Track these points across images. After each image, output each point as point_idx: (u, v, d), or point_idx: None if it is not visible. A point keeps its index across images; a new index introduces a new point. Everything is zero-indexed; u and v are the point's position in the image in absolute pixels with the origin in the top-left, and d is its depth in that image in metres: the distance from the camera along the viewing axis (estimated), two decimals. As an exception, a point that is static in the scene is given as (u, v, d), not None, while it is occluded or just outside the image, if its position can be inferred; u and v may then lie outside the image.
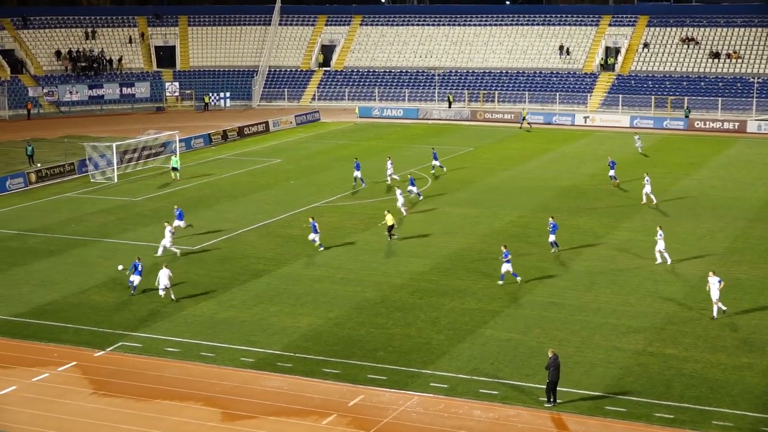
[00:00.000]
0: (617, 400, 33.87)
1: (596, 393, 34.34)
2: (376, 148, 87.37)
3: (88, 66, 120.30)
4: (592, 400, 33.89)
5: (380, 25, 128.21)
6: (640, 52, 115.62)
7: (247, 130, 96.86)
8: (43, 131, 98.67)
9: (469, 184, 70.35)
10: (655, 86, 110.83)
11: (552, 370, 33.46)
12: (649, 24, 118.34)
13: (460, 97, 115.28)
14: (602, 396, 34.14)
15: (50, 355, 38.27)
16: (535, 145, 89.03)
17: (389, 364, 37.09)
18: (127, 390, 35.05)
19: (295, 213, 61.67)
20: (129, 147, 79.58)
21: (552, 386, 33.54)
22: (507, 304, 43.73)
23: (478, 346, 38.87)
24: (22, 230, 57.17)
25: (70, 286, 46.93)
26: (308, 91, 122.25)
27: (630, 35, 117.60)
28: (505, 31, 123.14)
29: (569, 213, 61.08)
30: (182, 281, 47.38)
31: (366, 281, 47.33)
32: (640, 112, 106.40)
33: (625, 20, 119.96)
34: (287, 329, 40.85)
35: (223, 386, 35.33)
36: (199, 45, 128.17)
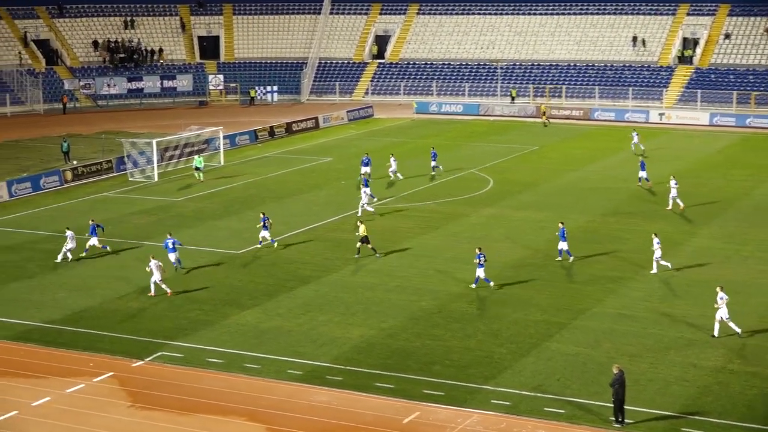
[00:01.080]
0: (694, 420, 33.52)
1: (671, 413, 34.01)
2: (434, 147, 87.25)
3: (126, 57, 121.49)
4: (667, 420, 33.57)
5: (438, 14, 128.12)
6: (721, 43, 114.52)
7: (296, 127, 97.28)
8: (80, 126, 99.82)
9: (534, 186, 70.13)
10: (737, 80, 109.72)
11: (617, 387, 33.24)
12: (730, 13, 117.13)
13: (525, 92, 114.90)
14: (677, 416, 33.80)
15: (86, 365, 38.64)
16: (605, 144, 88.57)
17: (447, 378, 37.02)
18: (166, 403, 35.29)
19: (345, 215, 61.82)
20: (170, 144, 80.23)
21: (619, 404, 33.33)
22: (574, 316, 43.50)
23: (543, 360, 38.70)
24: (56, 231, 57.81)
25: (107, 291, 47.40)
26: (361, 84, 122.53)
27: (710, 25, 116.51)
28: (573, 21, 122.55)
29: (642, 218, 60.67)
30: (225, 288, 47.71)
31: (422, 289, 47.32)
32: (721, 108, 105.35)
33: (705, 9, 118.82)
34: (337, 340, 40.93)
35: (269, 400, 35.46)
36: (245, 35, 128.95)
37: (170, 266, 49.85)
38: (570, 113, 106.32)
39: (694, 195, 66.71)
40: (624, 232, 57.33)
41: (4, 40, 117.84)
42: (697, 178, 72.82)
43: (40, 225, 60.21)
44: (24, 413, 34.46)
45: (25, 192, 68.82)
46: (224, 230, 58.35)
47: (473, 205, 64.26)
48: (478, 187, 69.50)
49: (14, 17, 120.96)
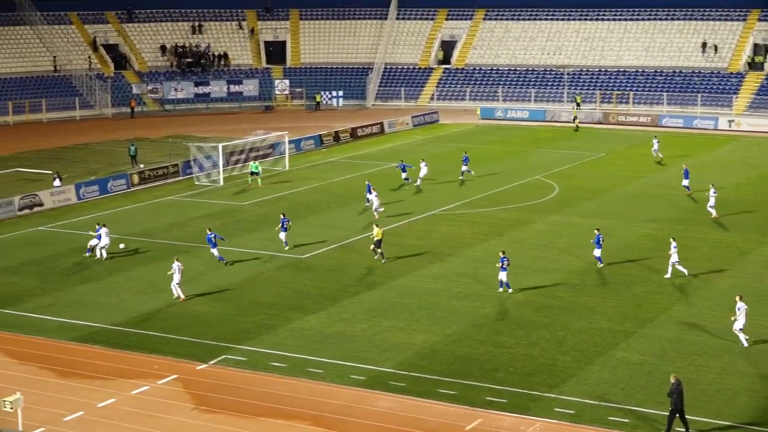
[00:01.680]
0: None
1: (739, 424, 33.58)
2: (499, 153, 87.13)
3: (194, 62, 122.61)
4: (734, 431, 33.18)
5: (505, 19, 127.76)
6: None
7: (361, 132, 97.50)
8: (147, 130, 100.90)
9: (601, 193, 69.65)
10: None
11: (675, 397, 32.90)
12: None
13: (591, 98, 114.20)
14: (745, 428, 33.39)
15: (151, 367, 39.02)
16: (673, 151, 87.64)
17: (510, 386, 36.88)
18: (229, 406, 35.51)
19: (410, 221, 61.84)
20: (236, 148, 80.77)
21: (673, 414, 32.93)
22: (640, 325, 43.11)
23: (607, 369, 38.41)
24: (123, 234, 58.40)
25: (173, 294, 47.76)
26: (426, 90, 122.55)
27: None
28: (641, 27, 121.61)
29: (711, 226, 60.02)
30: (289, 292, 47.94)
31: (486, 296, 47.18)
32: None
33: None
34: (401, 346, 40.93)
35: (331, 405, 35.55)
36: (311, 40, 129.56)
37: (215, 260, 51.73)
38: (637, 119, 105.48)
39: (765, 204, 65.96)
40: (691, 240, 56.70)
41: (74, 45, 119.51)
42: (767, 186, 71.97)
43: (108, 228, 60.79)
44: (90, 414, 34.87)
45: (93, 195, 69.66)
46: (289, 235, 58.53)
47: (538, 211, 63.96)
48: (543, 194, 69.19)
49: (84, 22, 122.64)
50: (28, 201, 65.67)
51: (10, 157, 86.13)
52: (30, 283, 50.09)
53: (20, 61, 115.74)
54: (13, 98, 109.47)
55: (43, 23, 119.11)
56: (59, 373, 38.63)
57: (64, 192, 68.25)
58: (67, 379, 38.05)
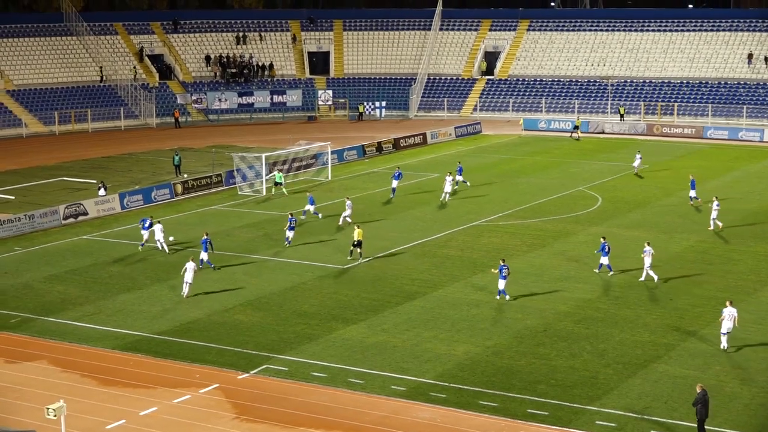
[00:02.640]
0: (807, 448, 32.82)
1: (783, 439, 33.34)
2: (541, 164, 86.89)
3: (237, 72, 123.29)
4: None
5: (549, 30, 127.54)
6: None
7: (403, 142, 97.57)
8: (190, 140, 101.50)
9: (644, 205, 69.26)
10: None
11: (700, 407, 32.67)
12: None
13: (636, 109, 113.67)
14: (790, 443, 33.14)
15: (192, 376, 39.22)
16: (717, 163, 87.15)
17: (551, 398, 36.74)
18: (270, 416, 35.61)
19: (453, 232, 61.78)
20: (279, 158, 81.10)
21: (701, 426, 32.76)
22: (683, 338, 42.82)
23: (650, 382, 38.16)
24: (167, 244, 58.69)
25: (214, 303, 48.03)
26: (469, 101, 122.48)
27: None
28: (686, 37, 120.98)
29: (755, 239, 59.55)
30: (331, 302, 48.03)
31: (528, 307, 47.04)
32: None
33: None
34: (442, 357, 40.89)
35: (372, 416, 35.57)
36: (355, 51, 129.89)
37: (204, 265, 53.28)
38: (682, 131, 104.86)
39: (809, 216, 65.45)
40: (735, 253, 56.32)
41: (120, 55, 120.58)
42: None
43: (151, 237, 61.17)
44: (132, 422, 35.09)
45: (137, 204, 70.14)
46: (331, 245, 58.68)
47: (581, 223, 63.71)
48: (586, 205, 68.92)
49: (130, 32, 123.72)
50: (73, 210, 66.23)
51: (56, 166, 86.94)
52: (74, 291, 50.51)
53: (66, 71, 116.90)
54: (59, 108, 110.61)
55: (90, 34, 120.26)
56: (102, 381, 38.90)
57: (108, 201, 68.75)
58: (109, 387, 38.30)
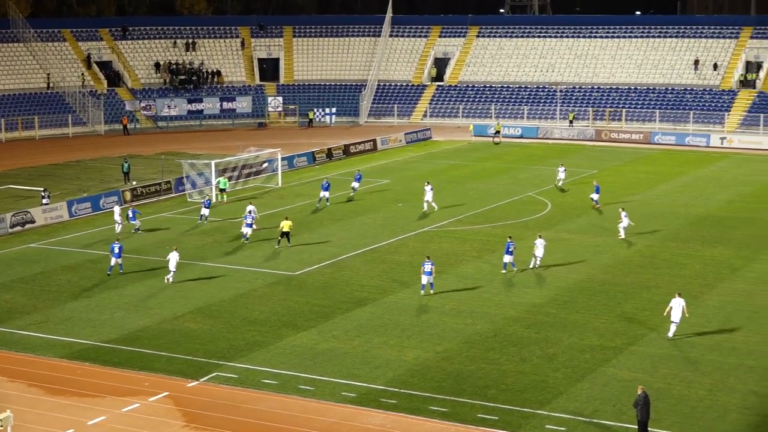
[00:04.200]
0: (753, 449, 33.19)
1: (729, 441, 33.69)
2: (491, 170, 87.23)
3: (187, 79, 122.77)
4: (725, 449, 33.26)
5: (498, 36, 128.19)
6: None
7: (354, 149, 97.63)
8: (139, 147, 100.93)
9: (591, 211, 69.69)
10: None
11: (639, 408, 32.96)
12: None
13: (584, 115, 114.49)
14: (736, 445, 33.48)
15: (141, 385, 38.96)
16: (665, 168, 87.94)
17: (501, 403, 36.87)
18: (220, 423, 35.45)
19: (403, 238, 61.88)
20: (228, 165, 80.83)
21: (641, 427, 33.02)
22: (631, 341, 43.16)
23: (599, 386, 38.42)
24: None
25: (164, 311, 47.77)
26: (419, 107, 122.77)
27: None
28: (634, 44, 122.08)
29: (702, 243, 60.15)
30: (281, 309, 47.93)
31: (477, 313, 47.20)
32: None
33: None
34: (392, 363, 40.93)
35: (322, 422, 35.52)
36: (305, 57, 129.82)
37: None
38: (630, 136, 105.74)
39: (757, 220, 66.20)
40: (682, 257, 56.87)
41: (67, 62, 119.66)
42: (760, 203, 72.22)
43: (99, 245, 60.84)
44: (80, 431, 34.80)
45: (85, 212, 69.60)
46: (282, 252, 58.57)
47: (530, 228, 63.98)
48: (535, 211, 69.29)
49: (78, 39, 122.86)
50: (20, 218, 65.60)
51: (3, 174, 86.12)
52: (21, 300, 50.02)
53: (13, 78, 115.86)
54: (6, 115, 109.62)
55: (37, 40, 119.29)
56: (50, 390, 38.54)
57: (56, 209, 68.16)
58: (57, 396, 37.96)
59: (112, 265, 54.08)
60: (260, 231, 62.18)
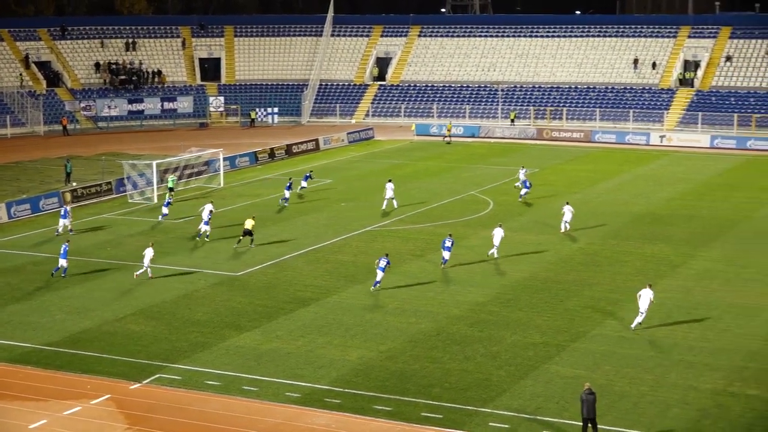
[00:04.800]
0: (694, 444, 33.55)
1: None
2: (434, 169, 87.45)
3: (127, 79, 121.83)
4: (666, 444, 33.59)
5: (440, 36, 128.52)
6: (722, 66, 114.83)
7: (296, 149, 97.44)
8: (80, 148, 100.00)
9: (534, 208, 70.14)
10: (738, 103, 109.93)
11: (582, 404, 33.19)
12: (732, 36, 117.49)
13: (525, 114, 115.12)
14: (677, 440, 33.83)
15: (83, 387, 38.60)
16: (606, 167, 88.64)
17: (445, 401, 36.97)
18: (164, 426, 35.23)
19: (346, 237, 61.86)
20: (170, 166, 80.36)
21: (584, 423, 33.25)
22: (573, 339, 43.46)
23: (541, 383, 38.65)
24: (55, 253, 57.85)
25: (106, 313, 47.37)
26: (362, 106, 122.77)
27: (711, 48, 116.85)
28: (574, 43, 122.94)
29: (643, 240, 60.71)
30: (224, 310, 47.73)
31: (421, 312, 47.29)
32: (722, 131, 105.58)
33: (706, 32, 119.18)
34: (336, 362, 40.90)
35: (266, 423, 35.42)
36: (246, 57, 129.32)
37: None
38: (571, 135, 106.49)
39: (695, 218, 66.90)
40: (623, 254, 57.37)
41: (5, 62, 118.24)
42: (699, 200, 73.03)
43: (39, 246, 60.22)
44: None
45: (25, 214, 68.81)
46: (223, 252, 58.35)
47: (473, 227, 64.25)
48: (477, 209, 69.58)
49: (16, 39, 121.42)
50: (-42, 220, 64.82)
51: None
52: (-40, 303, 49.43)
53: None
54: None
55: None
56: (-10, 394, 38.15)
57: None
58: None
59: (58, 267, 53.55)
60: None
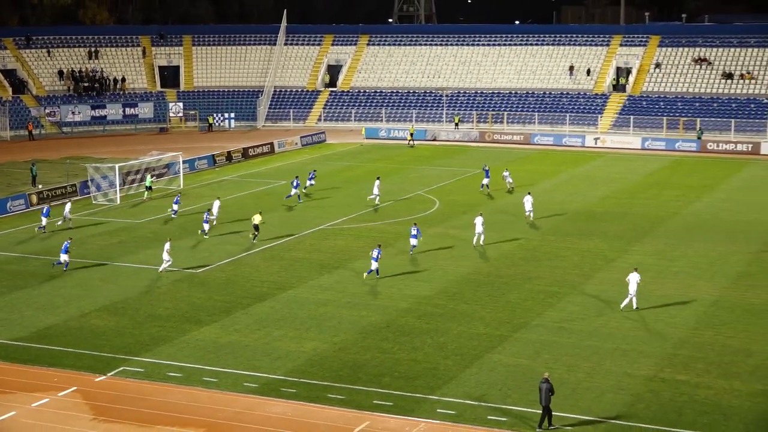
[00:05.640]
0: (628, 427, 33.82)
1: (607, 420, 34.29)
2: (382, 170, 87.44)
3: (90, 86, 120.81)
4: (604, 427, 33.81)
5: (387, 44, 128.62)
6: (652, 72, 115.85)
7: (252, 152, 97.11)
8: (45, 152, 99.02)
9: (477, 207, 70.27)
10: (667, 107, 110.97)
11: (541, 392, 33.48)
12: (660, 44, 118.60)
13: (468, 118, 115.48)
14: (613, 423, 34.07)
15: (50, 380, 38.32)
16: (544, 167, 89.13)
17: (395, 389, 37.08)
18: (128, 416, 35.06)
19: (300, 236, 61.77)
20: (132, 168, 79.83)
21: (543, 411, 33.56)
22: (515, 329, 43.72)
23: (485, 371, 38.86)
24: (23, 253, 57.39)
25: (71, 309, 47.03)
26: (314, 111, 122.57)
27: (641, 55, 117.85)
28: (514, 51, 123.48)
29: (579, 236, 61.14)
30: (185, 305, 47.53)
31: (372, 305, 47.38)
32: (652, 133, 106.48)
33: (637, 40, 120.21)
34: (291, 354, 40.88)
35: (226, 412, 35.34)
36: (204, 65, 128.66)
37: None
38: (511, 138, 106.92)
39: (628, 215, 67.43)
40: (561, 249, 57.76)
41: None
42: (631, 198, 73.62)
43: (8, 246, 59.63)
44: (-10, 427, 34.14)
45: (-8, 215, 68.19)
46: (184, 250, 58.06)
47: (420, 225, 64.30)
48: (424, 208, 69.73)
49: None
50: (-72, 222, 63.97)
51: None
52: (-70, 301, 48.81)
53: None
54: None
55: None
56: (-40, 388, 37.74)
57: (-37, 212, 66.64)
58: (-32, 393, 37.19)
59: (60, 261, 53.60)
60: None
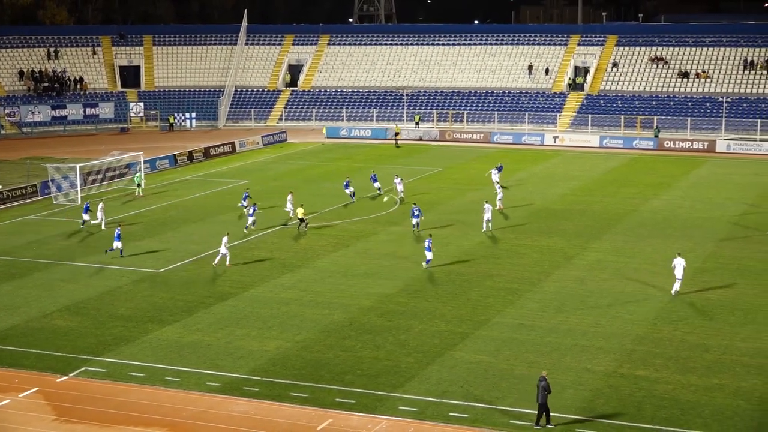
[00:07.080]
0: (588, 423, 33.97)
1: (567, 415, 34.41)
2: (344, 169, 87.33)
3: (50, 86, 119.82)
4: (564, 423, 33.94)
5: (348, 44, 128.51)
6: (609, 71, 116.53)
7: (213, 151, 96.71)
8: (5, 153, 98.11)
9: (438, 205, 70.50)
10: (624, 106, 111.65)
11: (539, 391, 33.58)
12: (618, 43, 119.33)
13: (429, 117, 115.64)
14: (573, 419, 34.21)
15: (11, 381, 37.95)
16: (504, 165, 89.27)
17: (358, 387, 37.04)
18: (90, 416, 34.80)
19: (262, 235, 61.57)
20: (93, 168, 79.29)
21: (539, 409, 33.65)
22: (476, 327, 43.80)
23: (447, 368, 38.90)
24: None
25: (32, 310, 46.61)
26: (275, 111, 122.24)
27: (599, 55, 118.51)
28: (473, 51, 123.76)
29: (539, 234, 61.35)
30: (147, 305, 47.24)
31: (334, 303, 47.30)
32: (609, 131, 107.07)
33: (594, 40, 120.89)
34: (254, 353, 40.73)
35: (189, 411, 35.15)
36: (164, 65, 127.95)
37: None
38: (471, 136, 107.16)
39: (587, 212, 67.73)
40: (521, 247, 57.92)
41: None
42: (590, 196, 73.97)
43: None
44: (-49, 429, 33.76)
45: (-48, 216, 67.43)
46: (145, 250, 57.70)
47: (382, 223, 64.41)
48: (386, 207, 69.69)
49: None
50: None
51: None
52: None
53: None
54: None
55: None
56: None
57: None
58: (-72, 395, 36.75)
59: (113, 248, 55.85)
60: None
